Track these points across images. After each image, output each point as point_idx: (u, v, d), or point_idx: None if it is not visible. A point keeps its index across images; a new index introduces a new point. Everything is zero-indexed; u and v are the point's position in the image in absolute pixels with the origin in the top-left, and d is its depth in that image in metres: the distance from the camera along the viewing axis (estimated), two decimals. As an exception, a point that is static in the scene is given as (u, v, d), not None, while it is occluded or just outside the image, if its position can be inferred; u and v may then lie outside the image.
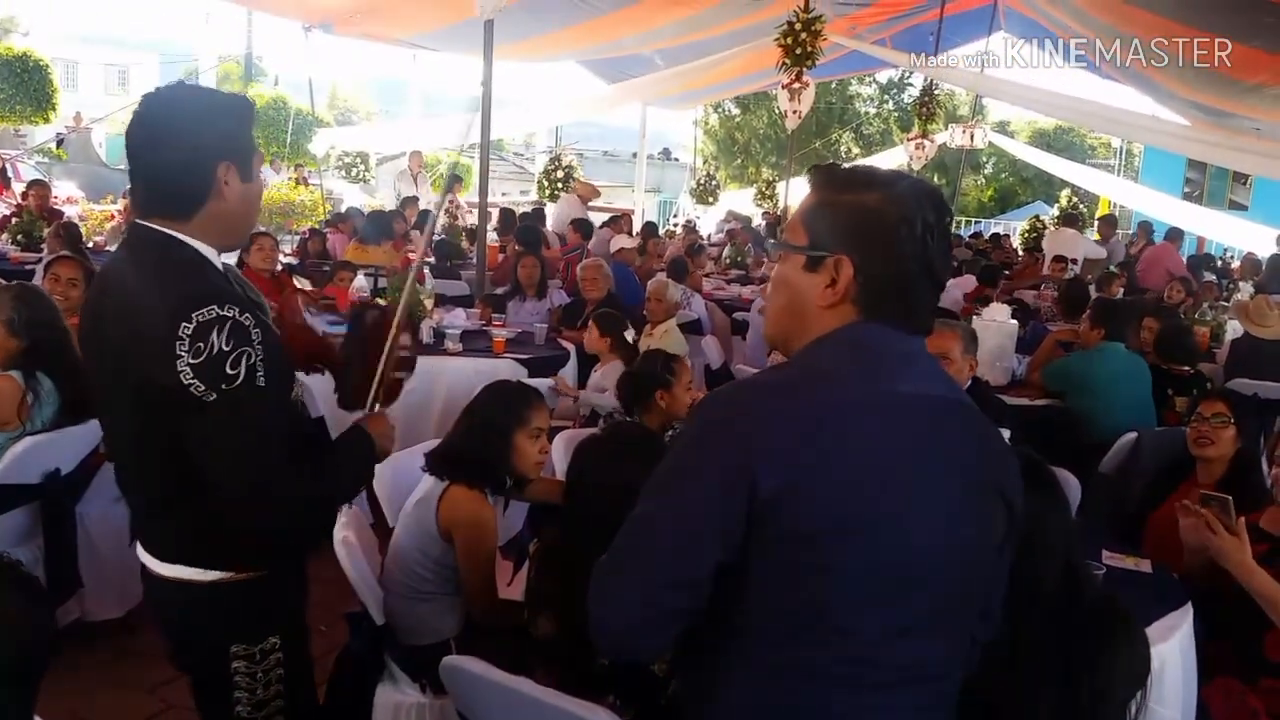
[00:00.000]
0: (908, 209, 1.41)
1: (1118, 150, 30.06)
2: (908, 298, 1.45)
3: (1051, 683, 1.85)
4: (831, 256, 1.43)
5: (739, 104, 29.97)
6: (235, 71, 28.81)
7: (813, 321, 1.47)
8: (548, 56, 16.08)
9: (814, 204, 1.48)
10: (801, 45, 10.76)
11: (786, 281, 1.50)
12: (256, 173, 1.95)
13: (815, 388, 1.40)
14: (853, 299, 1.44)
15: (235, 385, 1.74)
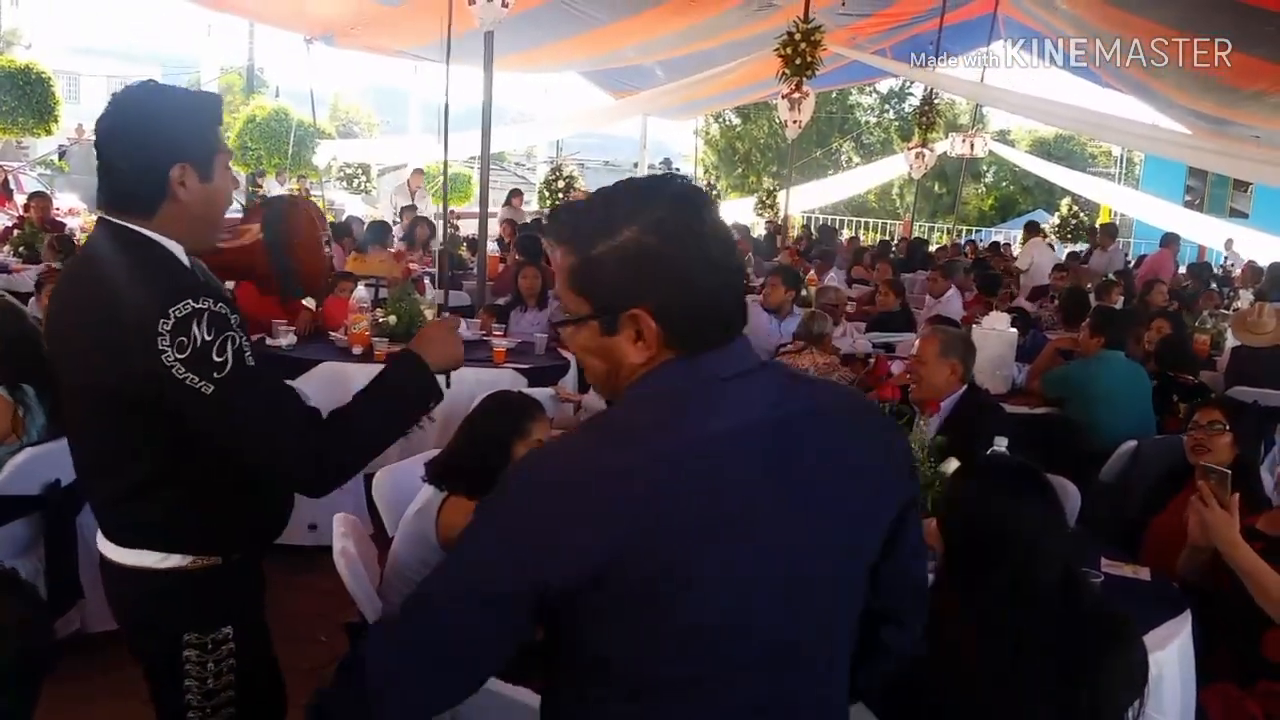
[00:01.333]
0: (672, 228, 1.31)
1: (1118, 158, 30.10)
2: (719, 312, 1.35)
3: (1050, 689, 1.85)
4: (624, 313, 1.32)
5: (739, 114, 30.01)
6: (237, 83, 28.88)
7: (630, 376, 1.37)
8: (548, 67, 16.15)
9: (575, 266, 1.34)
10: (801, 55, 10.80)
11: (594, 350, 1.38)
12: (221, 173, 1.95)
13: (625, 445, 1.29)
14: (667, 342, 1.33)
15: (227, 372, 1.77)
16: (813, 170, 27.03)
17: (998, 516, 1.95)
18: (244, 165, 18.90)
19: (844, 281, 10.31)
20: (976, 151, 17.60)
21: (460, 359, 2.15)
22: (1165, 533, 3.34)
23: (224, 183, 1.96)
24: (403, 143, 18.94)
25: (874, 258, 12.24)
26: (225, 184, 1.97)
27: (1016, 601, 1.89)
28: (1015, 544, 1.92)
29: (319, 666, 3.63)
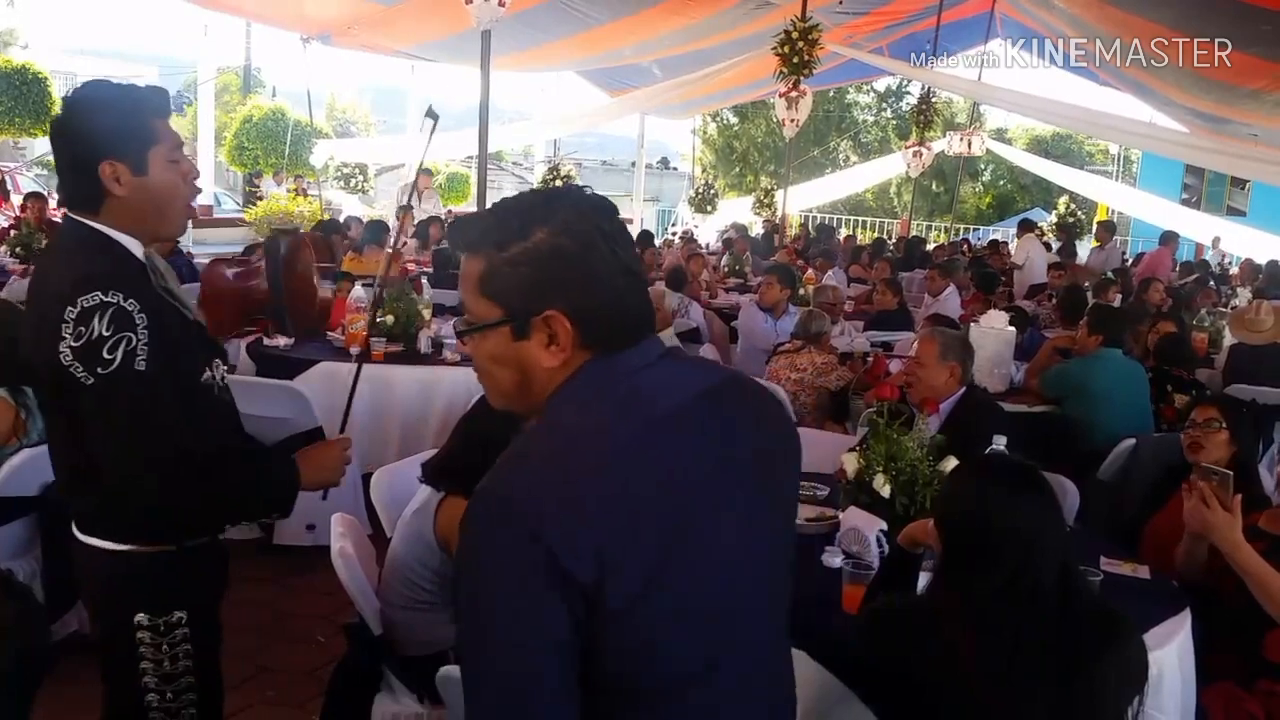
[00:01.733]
0: (581, 229, 1.32)
1: (1115, 157, 30.13)
2: (630, 311, 1.36)
3: (1049, 688, 1.85)
4: (539, 316, 1.31)
5: (737, 113, 30.02)
6: (234, 83, 28.87)
7: (543, 385, 1.36)
8: (546, 67, 16.14)
9: (485, 271, 1.34)
10: (799, 54, 10.80)
11: (502, 359, 1.36)
12: (159, 165, 1.96)
13: (584, 450, 1.26)
14: (580, 344, 1.33)
15: (111, 369, 1.81)
16: (810, 169, 27.03)
17: (995, 515, 1.94)
18: (241, 165, 18.90)
19: (842, 280, 10.29)
20: (974, 150, 17.63)
21: (336, 482, 2.20)
22: (1164, 531, 3.34)
23: (164, 174, 1.97)
24: (400, 142, 18.91)
25: (871, 256, 12.25)
26: (166, 175, 1.97)
27: (1014, 600, 1.89)
28: (1012, 542, 1.91)
29: (317, 668, 3.63)
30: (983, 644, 1.87)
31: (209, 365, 2.07)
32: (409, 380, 5.08)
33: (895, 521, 2.75)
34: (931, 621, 1.95)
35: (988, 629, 1.88)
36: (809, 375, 5.46)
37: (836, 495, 3.23)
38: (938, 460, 2.95)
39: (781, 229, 14.09)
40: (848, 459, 3.09)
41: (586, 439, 1.28)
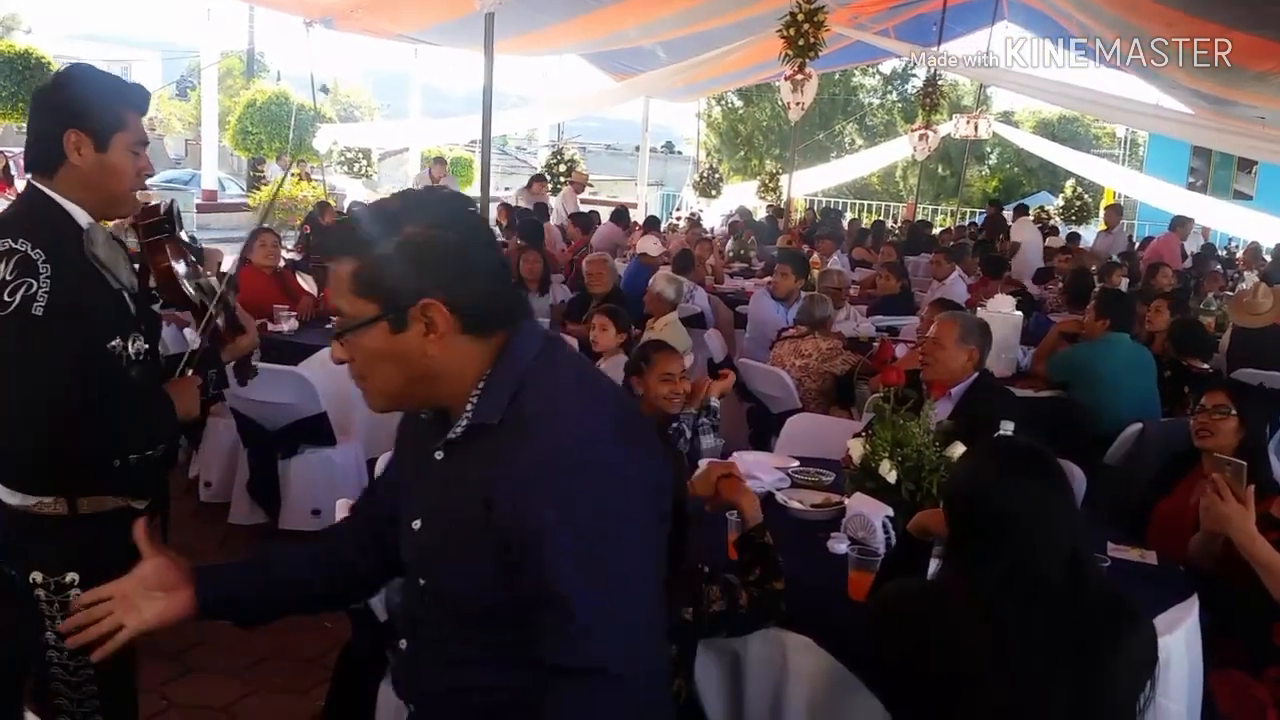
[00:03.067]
0: (449, 219, 1.40)
1: (1122, 140, 29.99)
2: (505, 295, 1.46)
3: (1064, 674, 1.83)
4: (414, 307, 1.37)
5: (742, 96, 29.91)
6: (238, 67, 28.80)
7: (439, 368, 1.42)
8: (550, 50, 16.07)
9: (358, 269, 1.39)
10: (804, 36, 10.73)
11: (383, 354, 1.41)
12: (119, 149, 2.10)
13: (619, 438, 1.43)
14: (460, 329, 1.40)
15: (8, 311, 1.90)
16: (816, 153, 26.93)
17: (999, 497, 1.92)
18: (245, 150, 18.88)
19: (845, 265, 10.26)
20: (980, 133, 17.54)
21: (195, 414, 2.30)
22: (1172, 516, 3.32)
23: (122, 159, 2.11)
24: (403, 127, 18.87)
25: (875, 239, 12.21)
26: (124, 161, 2.11)
27: (1023, 586, 1.87)
28: (1016, 526, 1.89)
29: (321, 654, 3.63)
30: (995, 631, 1.85)
31: (124, 336, 2.13)
32: (413, 366, 5.05)
33: (901, 507, 2.74)
34: (941, 608, 1.93)
35: (998, 616, 1.86)
36: (814, 361, 5.44)
37: (842, 481, 3.22)
38: (944, 446, 2.93)
39: (786, 213, 14.02)
40: (853, 445, 3.08)
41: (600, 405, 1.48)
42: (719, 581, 2.15)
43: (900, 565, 2.30)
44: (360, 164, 17.21)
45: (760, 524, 2.36)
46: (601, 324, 4.98)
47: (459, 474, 1.46)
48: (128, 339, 2.13)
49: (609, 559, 1.35)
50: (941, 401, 3.62)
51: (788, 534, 2.87)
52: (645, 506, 1.41)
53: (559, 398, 1.44)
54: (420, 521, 1.53)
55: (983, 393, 3.78)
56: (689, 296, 7.46)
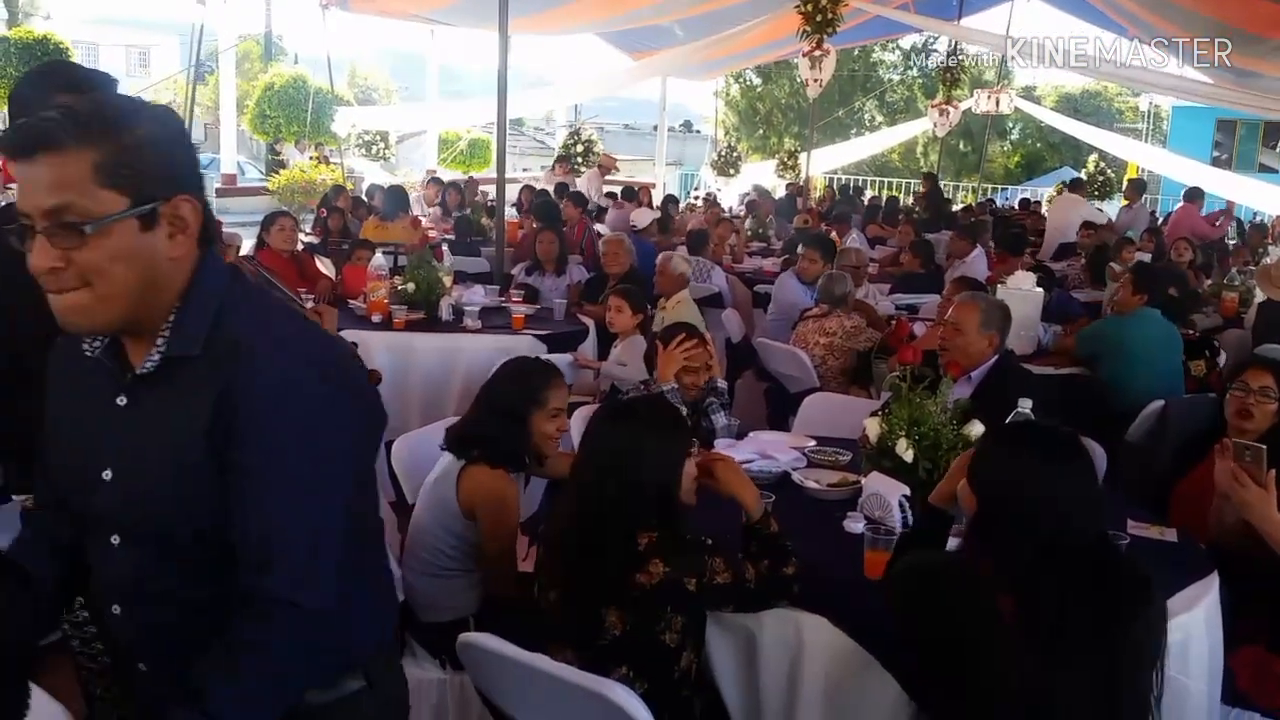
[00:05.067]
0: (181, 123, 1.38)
1: (1145, 114, 29.62)
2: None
3: (1092, 649, 1.84)
4: (167, 202, 1.32)
5: (760, 73, 29.69)
6: (255, 50, 28.80)
7: (166, 277, 1.37)
8: (566, 29, 15.98)
9: (107, 158, 1.29)
10: (822, 12, 10.65)
11: (125, 254, 1.31)
12: None
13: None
14: (196, 236, 1.37)
15: None
16: (835, 130, 26.73)
17: (1034, 483, 1.94)
18: (263, 134, 18.91)
19: (863, 243, 10.18)
20: (1002, 108, 17.38)
21: None
22: (1193, 494, 3.28)
23: None
24: (421, 109, 18.85)
25: (887, 215, 12.10)
26: None
27: (1054, 563, 1.88)
28: (1050, 510, 1.91)
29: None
30: (1026, 606, 1.85)
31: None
32: (430, 348, 5.07)
33: (918, 487, 2.73)
34: (968, 582, 1.93)
35: (1030, 592, 1.87)
36: (838, 339, 5.41)
37: (859, 460, 3.21)
38: (961, 424, 2.91)
39: (806, 191, 13.94)
40: (870, 424, 3.06)
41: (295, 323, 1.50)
42: (723, 554, 2.15)
43: (920, 539, 2.30)
44: (378, 146, 17.22)
45: (765, 515, 2.35)
46: (617, 305, 4.98)
47: (158, 412, 1.41)
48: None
49: (314, 495, 1.41)
50: (961, 384, 3.59)
51: (804, 513, 2.88)
52: (353, 446, 1.48)
53: (269, 327, 1.43)
54: (111, 471, 1.45)
55: (1004, 376, 3.74)
56: (706, 276, 7.43)
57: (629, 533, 2.12)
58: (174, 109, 1.39)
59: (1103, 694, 1.83)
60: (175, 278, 1.37)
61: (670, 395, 3.49)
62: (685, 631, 2.15)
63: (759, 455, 3.25)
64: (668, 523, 2.16)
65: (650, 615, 2.10)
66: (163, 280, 1.35)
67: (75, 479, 1.51)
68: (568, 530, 2.22)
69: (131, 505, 1.45)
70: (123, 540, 1.47)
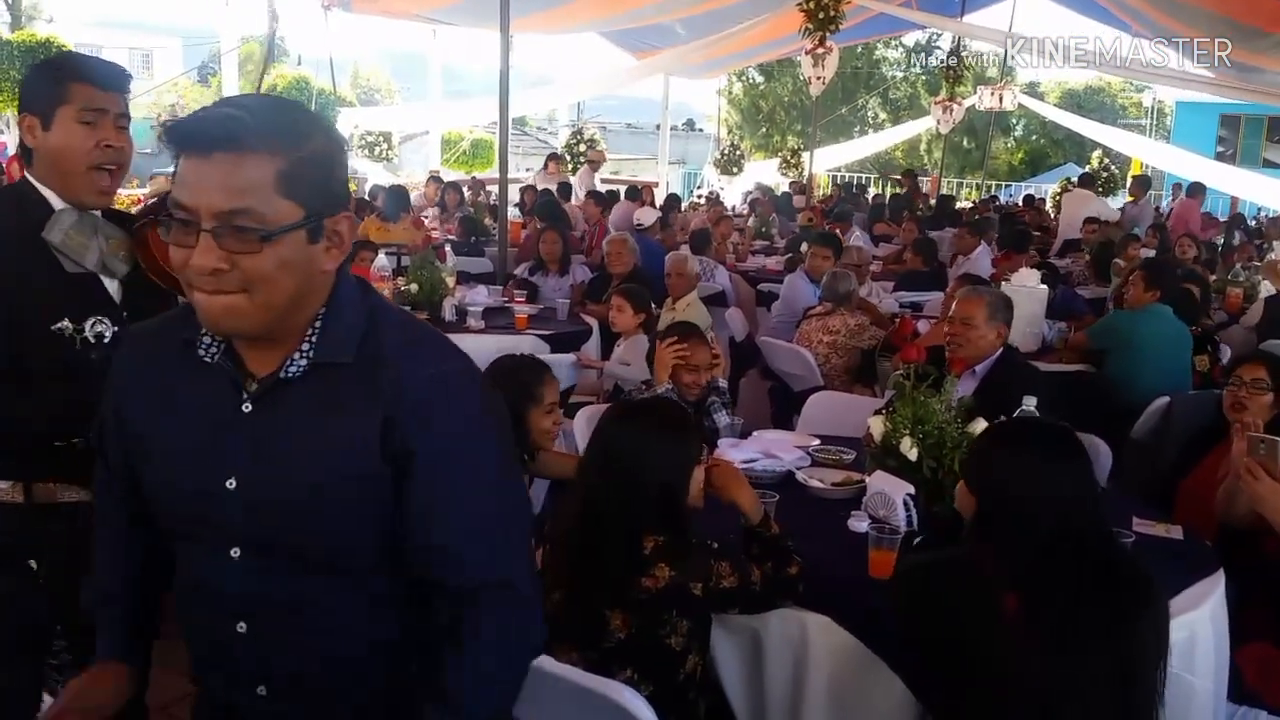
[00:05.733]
0: (336, 140, 1.36)
1: (1149, 110, 29.57)
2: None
3: (1099, 647, 1.84)
4: (334, 217, 1.34)
5: (763, 71, 29.65)
6: (258, 52, 28.81)
7: (313, 292, 1.38)
8: (567, 28, 15.97)
9: (285, 169, 1.28)
10: (824, 9, 10.64)
11: (289, 266, 1.31)
12: (63, 124, 2.07)
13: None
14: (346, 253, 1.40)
15: None
16: (839, 127, 26.69)
17: (1033, 482, 1.94)
18: (267, 135, 18.89)
19: (866, 241, 10.17)
20: (1005, 105, 17.33)
21: None
22: (1198, 491, 3.28)
23: (66, 134, 2.07)
24: (423, 109, 18.84)
25: (892, 213, 12.07)
26: (68, 136, 2.07)
27: (1057, 561, 1.88)
28: (1050, 509, 1.91)
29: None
30: (1029, 604, 1.85)
31: (78, 319, 2.09)
32: (434, 348, 5.06)
33: (922, 485, 2.72)
34: (971, 581, 1.92)
35: (1033, 589, 1.87)
36: (842, 337, 5.41)
37: (863, 459, 3.20)
38: (966, 423, 2.90)
39: (809, 189, 13.92)
40: (874, 422, 3.05)
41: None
42: (729, 557, 2.15)
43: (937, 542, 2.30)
44: (381, 147, 17.21)
45: (764, 518, 2.34)
46: (619, 305, 4.98)
47: (301, 418, 1.38)
48: (83, 322, 2.09)
49: (502, 481, 1.44)
50: (965, 379, 3.58)
51: (808, 512, 2.87)
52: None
53: (419, 330, 1.48)
54: (236, 480, 1.40)
55: (1008, 369, 3.73)
56: (709, 275, 7.43)
57: (633, 534, 2.11)
58: (333, 126, 1.37)
59: (1110, 691, 1.83)
60: (322, 290, 1.38)
61: (669, 394, 3.48)
62: (690, 634, 2.14)
63: (763, 454, 3.25)
64: (674, 526, 2.15)
65: (655, 619, 2.10)
66: (312, 291, 1.36)
67: (185, 490, 1.44)
68: (572, 530, 2.21)
69: (260, 515, 1.39)
70: (244, 553, 1.41)
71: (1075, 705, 1.82)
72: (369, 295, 1.45)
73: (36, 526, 2.10)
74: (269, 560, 1.41)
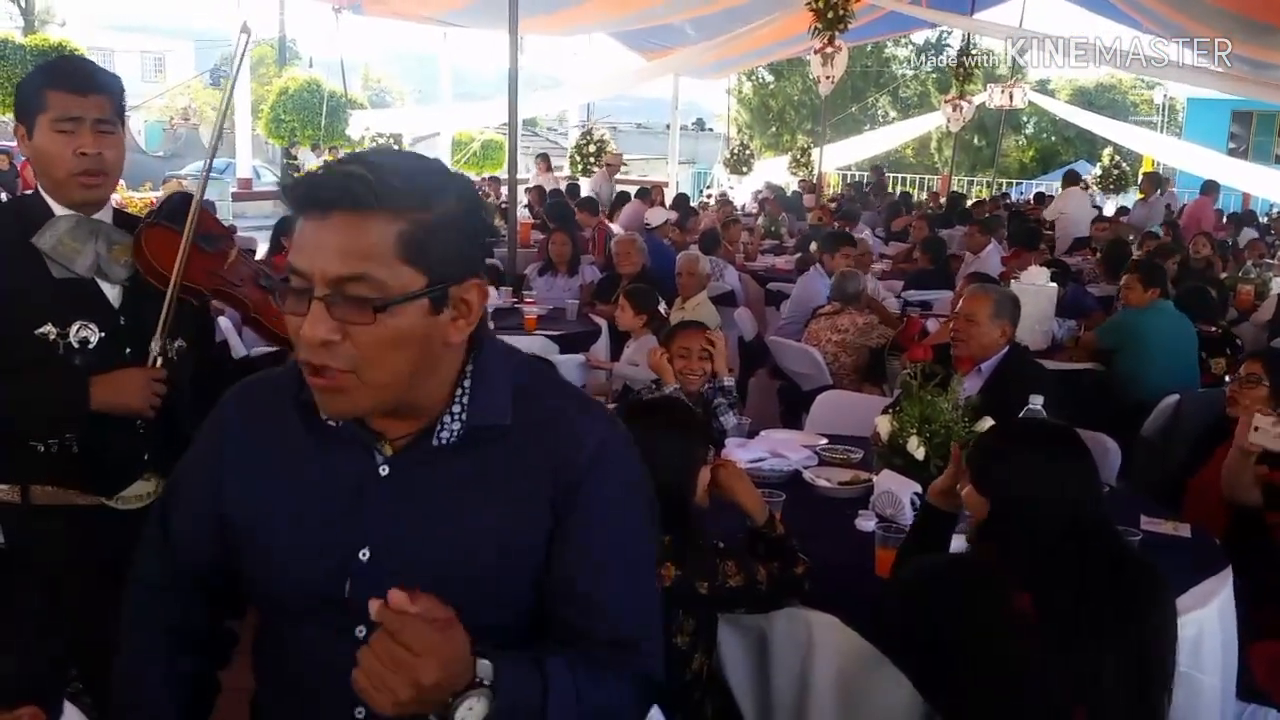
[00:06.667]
0: (475, 195, 1.26)
1: (1160, 107, 29.44)
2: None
3: (1113, 641, 1.85)
4: (460, 285, 1.22)
5: (772, 70, 29.61)
6: (269, 55, 28.95)
7: (437, 365, 1.26)
8: (577, 29, 16.01)
9: (410, 232, 1.16)
10: (833, 8, 10.62)
11: (407, 338, 1.19)
12: (42, 131, 2.07)
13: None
14: (476, 323, 1.28)
15: None
16: (849, 126, 26.65)
17: (1042, 482, 1.95)
18: (278, 138, 19.00)
19: (874, 239, 10.16)
20: (1016, 102, 17.29)
21: (141, 409, 2.09)
22: (1207, 489, 3.27)
23: (47, 142, 2.07)
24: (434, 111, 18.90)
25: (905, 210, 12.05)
26: (49, 144, 2.07)
27: (1068, 559, 1.89)
28: (1060, 507, 1.93)
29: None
30: (1042, 603, 1.86)
31: (62, 323, 2.09)
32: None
33: (929, 484, 2.72)
34: (984, 581, 1.92)
35: (1047, 587, 1.87)
36: (851, 336, 5.41)
37: (870, 458, 3.21)
38: (973, 422, 2.91)
39: (818, 188, 13.90)
40: (881, 421, 3.06)
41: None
42: (735, 557, 2.15)
43: (925, 538, 2.29)
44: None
45: (769, 519, 2.33)
46: (621, 305, 5.02)
47: (451, 485, 1.30)
48: (67, 326, 2.08)
49: (650, 562, 1.45)
50: (971, 377, 3.58)
51: (815, 511, 2.88)
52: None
53: (566, 390, 1.45)
54: (370, 550, 1.29)
55: (1015, 367, 3.73)
56: (719, 274, 7.43)
57: None
58: (469, 184, 1.27)
59: (1125, 679, 1.84)
60: (448, 362, 1.28)
61: (676, 394, 3.48)
62: (696, 634, 2.15)
63: (770, 454, 3.25)
64: (680, 526, 2.16)
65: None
66: (435, 365, 1.25)
67: (308, 567, 1.31)
68: None
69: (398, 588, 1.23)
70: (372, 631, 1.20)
71: (1093, 697, 1.83)
72: (514, 355, 1.38)
73: (38, 527, 2.11)
74: None
